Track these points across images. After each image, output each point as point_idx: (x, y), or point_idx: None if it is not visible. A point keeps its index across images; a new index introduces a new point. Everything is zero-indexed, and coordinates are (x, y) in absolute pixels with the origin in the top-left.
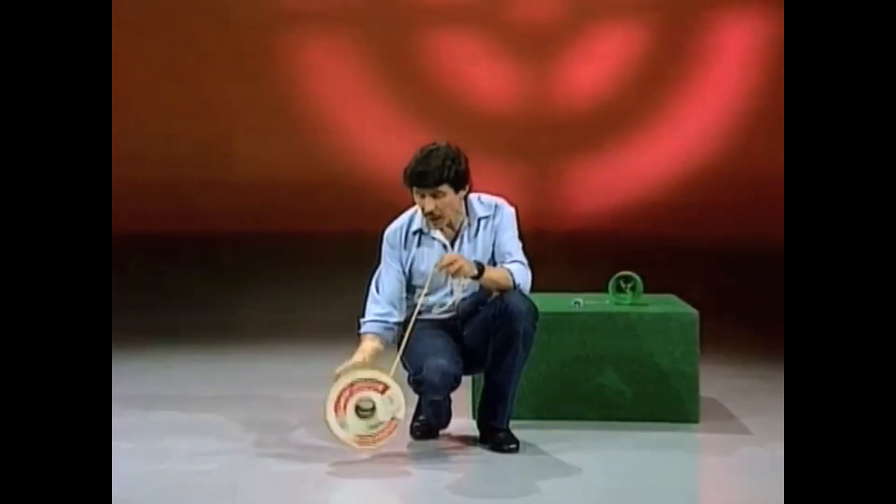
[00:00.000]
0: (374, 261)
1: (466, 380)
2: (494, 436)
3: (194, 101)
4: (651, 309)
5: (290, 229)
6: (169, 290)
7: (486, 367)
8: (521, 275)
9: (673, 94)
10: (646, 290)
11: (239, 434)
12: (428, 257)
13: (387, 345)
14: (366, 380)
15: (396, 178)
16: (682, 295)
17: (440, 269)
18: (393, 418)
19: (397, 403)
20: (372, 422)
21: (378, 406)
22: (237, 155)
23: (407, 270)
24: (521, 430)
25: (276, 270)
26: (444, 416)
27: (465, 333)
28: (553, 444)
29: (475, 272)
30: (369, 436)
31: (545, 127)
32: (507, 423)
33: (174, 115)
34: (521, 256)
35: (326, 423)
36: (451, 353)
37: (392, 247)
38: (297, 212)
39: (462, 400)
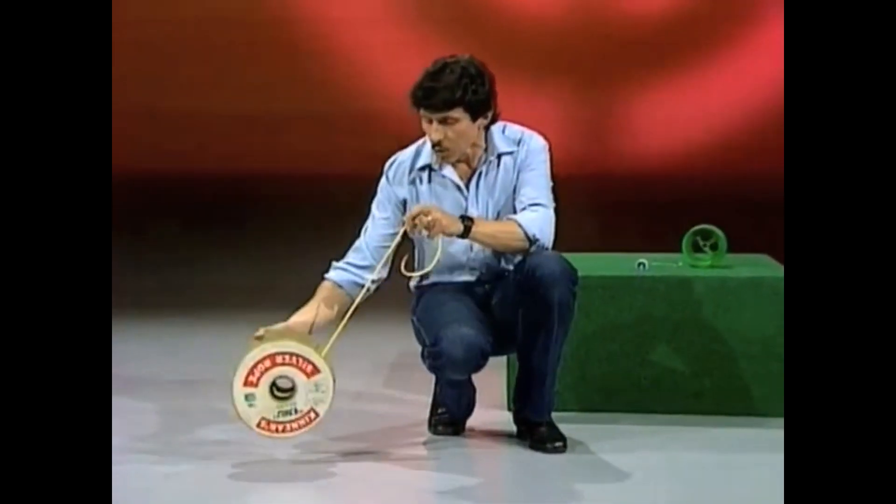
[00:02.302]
0: None
1: (500, 361)
2: (534, 431)
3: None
4: (737, 273)
5: (284, 169)
6: (154, 243)
7: (517, 346)
8: (536, 224)
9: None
10: (730, 249)
11: (215, 427)
12: (440, 201)
13: (349, 304)
14: (294, 354)
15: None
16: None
17: (408, 225)
18: (312, 410)
19: (323, 394)
20: (286, 407)
21: (299, 390)
22: (225, 84)
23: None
24: (568, 425)
25: (271, 219)
26: (465, 406)
27: (494, 302)
28: (609, 443)
29: (459, 228)
30: (277, 422)
31: (602, 41)
32: (549, 414)
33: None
34: (544, 199)
35: (230, 389)
36: (479, 321)
37: (391, 183)
38: (294, 149)
39: (496, 385)
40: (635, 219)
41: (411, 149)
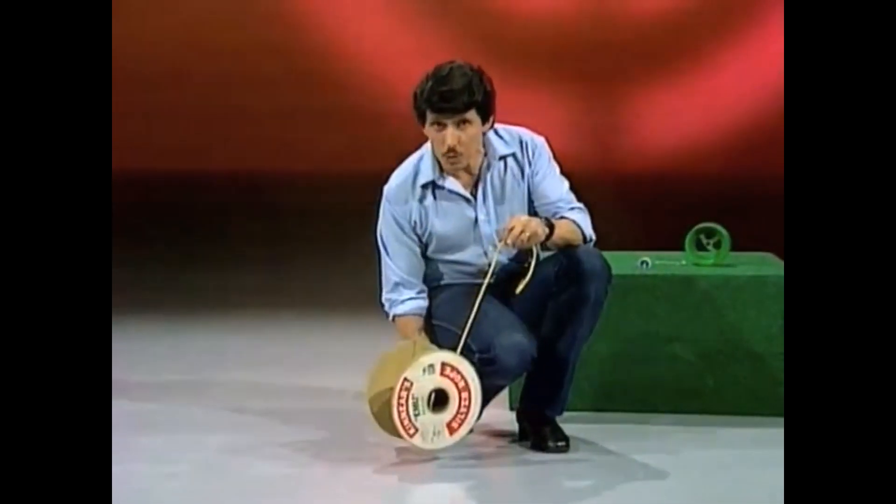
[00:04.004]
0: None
1: None
2: (537, 430)
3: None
4: (740, 271)
5: (285, 167)
6: (154, 242)
7: (539, 340)
8: (588, 225)
9: None
10: (734, 248)
11: (213, 427)
12: (448, 215)
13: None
14: (457, 370)
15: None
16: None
17: (511, 244)
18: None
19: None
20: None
21: (450, 405)
22: (226, 81)
23: (424, 235)
24: (572, 425)
25: (272, 219)
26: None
27: (513, 300)
28: (611, 443)
29: (547, 231)
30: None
31: (605, 41)
32: (562, 410)
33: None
34: (576, 202)
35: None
36: (523, 325)
37: (396, 208)
38: (295, 147)
39: None
40: (638, 217)
41: (407, 168)
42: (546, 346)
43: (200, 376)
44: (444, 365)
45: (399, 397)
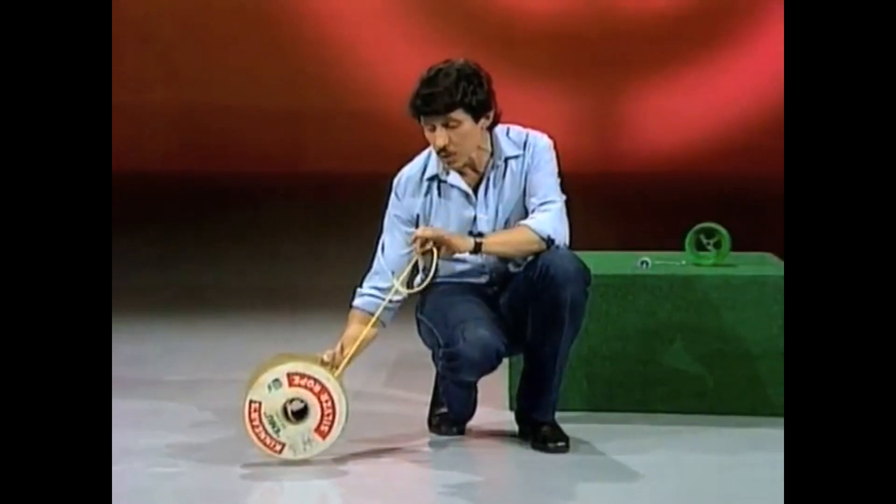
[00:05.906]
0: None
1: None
2: (537, 431)
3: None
4: (740, 271)
5: (288, 168)
6: (154, 242)
7: (524, 345)
8: (549, 224)
9: None
10: (734, 248)
11: (212, 427)
12: (448, 212)
13: (382, 328)
14: (307, 376)
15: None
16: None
17: (416, 256)
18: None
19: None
20: (286, 425)
21: (311, 413)
22: (229, 80)
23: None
24: (570, 424)
25: (273, 219)
26: (470, 406)
27: (501, 302)
28: (611, 443)
29: (470, 245)
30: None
31: (606, 41)
32: (553, 414)
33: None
34: (553, 195)
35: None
36: (494, 323)
37: (401, 200)
38: (299, 148)
39: (497, 385)
40: (638, 217)
41: (418, 161)
42: (530, 352)
43: (199, 376)
44: (290, 375)
45: (251, 420)
